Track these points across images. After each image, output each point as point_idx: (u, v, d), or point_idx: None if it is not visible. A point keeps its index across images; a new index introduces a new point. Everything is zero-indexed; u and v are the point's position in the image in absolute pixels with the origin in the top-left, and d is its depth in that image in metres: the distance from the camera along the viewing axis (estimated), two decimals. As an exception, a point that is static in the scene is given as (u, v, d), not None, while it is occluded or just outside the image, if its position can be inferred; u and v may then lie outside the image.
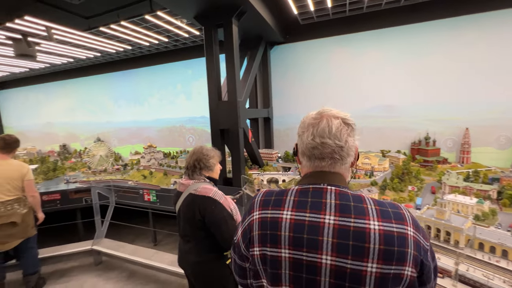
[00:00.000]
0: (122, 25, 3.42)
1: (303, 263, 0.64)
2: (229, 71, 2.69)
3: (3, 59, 4.86)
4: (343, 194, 0.66)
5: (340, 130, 0.68)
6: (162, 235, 3.97)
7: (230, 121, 2.74)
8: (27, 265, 2.80)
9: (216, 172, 1.70)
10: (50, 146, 6.43)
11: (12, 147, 2.66)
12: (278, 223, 0.67)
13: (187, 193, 1.56)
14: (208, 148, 1.67)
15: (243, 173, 2.82)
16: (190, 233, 1.61)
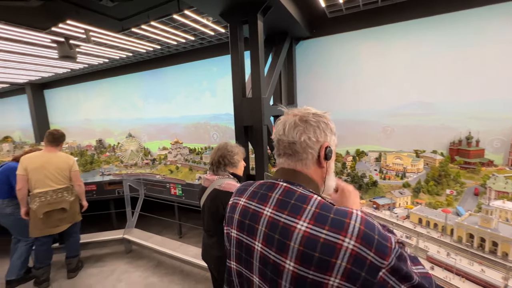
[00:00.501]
0: (152, 25, 3.55)
1: (243, 245, 0.72)
2: (254, 68, 2.68)
3: (49, 61, 5.33)
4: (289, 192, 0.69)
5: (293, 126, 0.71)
6: (186, 228, 4.11)
7: (254, 118, 2.73)
8: (70, 249, 3.08)
9: (240, 168, 1.71)
10: (88, 140, 6.96)
11: (60, 141, 2.94)
12: (236, 207, 0.78)
13: (211, 188, 1.59)
14: (233, 144, 1.69)
15: (266, 171, 2.80)
16: (214, 227, 1.64)
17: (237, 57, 2.75)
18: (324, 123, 0.73)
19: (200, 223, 4.09)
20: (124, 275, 3.08)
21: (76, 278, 3.05)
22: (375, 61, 3.47)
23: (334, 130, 0.76)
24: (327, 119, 0.75)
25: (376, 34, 3.42)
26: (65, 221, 2.90)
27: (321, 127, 0.72)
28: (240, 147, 1.75)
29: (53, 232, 2.84)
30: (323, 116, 0.75)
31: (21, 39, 3.95)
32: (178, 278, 2.97)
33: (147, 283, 2.92)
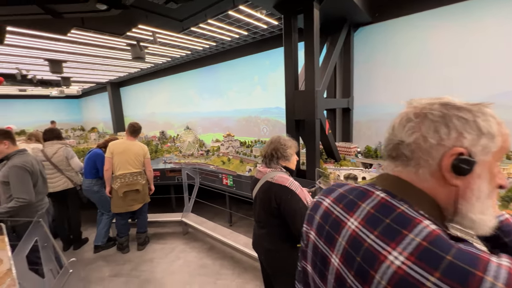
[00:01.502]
0: (209, 23, 3.74)
1: (318, 251, 0.63)
2: (308, 59, 2.57)
3: (124, 62, 6.14)
4: (386, 206, 0.53)
5: (404, 122, 0.54)
6: (236, 218, 4.29)
7: (306, 112, 2.64)
8: (140, 225, 3.57)
9: (293, 162, 1.70)
10: (153, 132, 7.85)
11: (138, 133, 3.44)
12: (318, 207, 0.69)
13: (264, 180, 1.61)
14: (286, 138, 1.68)
15: (318, 167, 2.70)
16: (265, 219, 1.67)
17: (291, 49, 2.69)
18: (463, 119, 0.49)
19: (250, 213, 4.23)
20: (182, 253, 3.41)
21: (144, 251, 3.52)
22: (453, 44, 2.95)
23: (490, 130, 0.49)
24: (473, 113, 0.49)
25: (456, 13, 2.89)
26: (137, 201, 3.37)
27: (452, 124, 0.49)
28: (293, 141, 1.72)
29: (129, 209, 3.33)
30: (466, 109, 0.50)
31: (103, 44, 4.63)
32: (229, 263, 3.15)
33: (201, 263, 3.18)
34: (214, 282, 2.82)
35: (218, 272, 2.99)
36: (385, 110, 3.37)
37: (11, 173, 2.26)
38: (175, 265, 3.16)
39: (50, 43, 4.38)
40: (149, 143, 6.35)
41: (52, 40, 4.25)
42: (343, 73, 3.54)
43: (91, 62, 5.97)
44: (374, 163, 2.88)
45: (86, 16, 3.28)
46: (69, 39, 4.21)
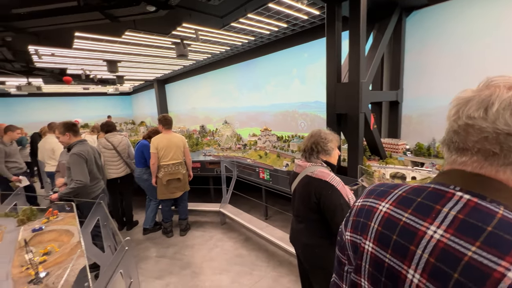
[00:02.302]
0: (248, 18, 3.75)
1: (384, 266, 0.54)
2: (353, 49, 2.41)
3: (168, 60, 6.54)
4: (478, 211, 0.44)
5: (510, 107, 0.44)
6: (272, 211, 4.31)
7: (349, 105, 2.50)
8: (181, 212, 3.83)
9: (334, 157, 1.65)
10: (194, 126, 8.28)
11: (172, 124, 3.67)
12: (372, 212, 0.60)
13: (303, 174, 1.58)
14: (327, 131, 1.63)
15: (361, 164, 2.54)
16: (303, 214, 1.64)
17: (333, 38, 2.55)
18: None
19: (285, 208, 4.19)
20: (219, 242, 3.57)
21: (185, 237, 3.77)
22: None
23: None
24: None
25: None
26: (179, 189, 3.62)
27: None
28: (334, 135, 1.66)
29: (172, 197, 3.60)
30: None
31: (152, 44, 4.99)
32: (264, 256, 3.19)
33: (237, 253, 3.28)
34: (250, 273, 2.89)
35: (254, 263, 3.06)
36: (440, 103, 3.00)
37: (70, 159, 2.61)
38: (213, 252, 3.32)
39: (107, 45, 4.88)
40: (191, 136, 6.72)
41: (109, 42, 4.72)
42: (392, 63, 3.25)
43: (141, 61, 6.50)
44: (427, 162, 2.60)
45: (137, 18, 3.56)
46: (123, 41, 4.63)
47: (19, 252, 1.67)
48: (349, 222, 0.68)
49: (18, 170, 4.11)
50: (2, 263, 1.53)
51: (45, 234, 1.88)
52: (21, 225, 2.02)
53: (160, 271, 3.01)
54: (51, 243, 1.78)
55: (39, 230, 1.89)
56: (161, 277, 2.91)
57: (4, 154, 3.92)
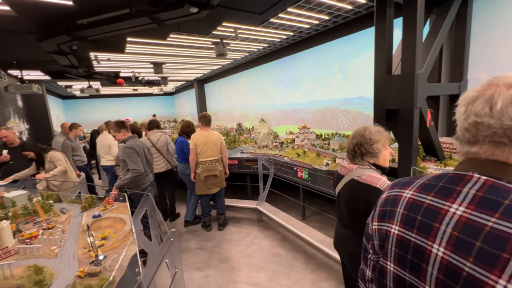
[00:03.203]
0: (288, 12, 3.65)
1: (410, 244, 0.61)
2: (407, 37, 2.16)
3: (208, 60, 6.77)
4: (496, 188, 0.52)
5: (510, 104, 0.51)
6: (309, 212, 4.17)
7: (401, 100, 2.25)
8: (219, 207, 3.93)
9: (383, 159, 1.49)
10: (231, 124, 8.46)
11: (210, 122, 3.78)
12: (397, 200, 0.67)
13: (349, 177, 1.44)
14: (373, 130, 1.47)
15: (414, 165, 2.28)
16: (350, 220, 1.51)
17: (384, 27, 2.32)
18: None
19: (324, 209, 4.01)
20: (256, 239, 3.57)
21: (223, 231, 3.87)
22: None
23: None
24: None
25: None
26: (216, 185, 3.71)
27: None
28: (383, 132, 1.47)
29: (209, 192, 3.71)
30: None
31: (193, 44, 5.20)
32: (302, 257, 3.10)
33: (274, 252, 3.24)
34: (288, 273, 2.83)
35: (291, 264, 2.99)
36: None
37: (125, 152, 2.85)
38: (250, 249, 3.34)
39: (154, 48, 5.23)
40: (228, 134, 6.87)
41: (155, 45, 5.06)
42: (453, 51, 2.84)
43: (183, 62, 6.85)
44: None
45: (181, 21, 3.73)
46: (168, 43, 4.91)
47: (82, 235, 1.87)
48: (375, 213, 0.75)
49: (81, 162, 4.68)
50: (70, 244, 1.73)
51: (102, 220, 2.08)
52: (84, 211, 2.26)
53: (200, 262, 3.13)
54: (108, 229, 1.95)
55: (98, 216, 2.09)
56: (201, 268, 3.02)
57: (71, 148, 4.49)
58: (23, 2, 2.81)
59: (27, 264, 1.49)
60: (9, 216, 2.07)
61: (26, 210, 2.19)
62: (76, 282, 1.36)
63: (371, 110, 4.04)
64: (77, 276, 1.40)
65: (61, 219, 2.12)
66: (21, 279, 1.38)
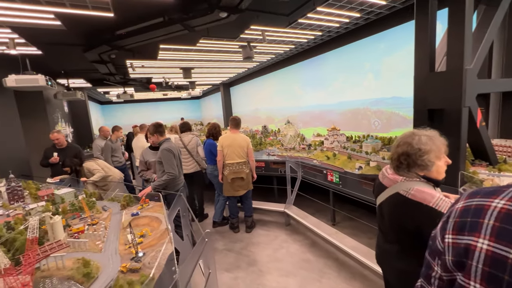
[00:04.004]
0: (318, 11, 3.57)
1: (507, 262, 0.52)
2: (454, 29, 1.98)
3: (234, 63, 6.88)
4: None
5: None
6: (340, 217, 4.01)
7: (447, 98, 2.07)
8: (246, 209, 3.93)
9: (437, 171, 1.22)
10: (256, 126, 8.50)
11: (240, 125, 3.81)
12: (484, 210, 0.59)
13: (393, 190, 1.25)
14: (424, 138, 1.19)
15: (463, 169, 2.08)
16: (395, 236, 1.30)
17: (426, 19, 2.16)
18: None
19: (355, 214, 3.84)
20: (284, 243, 3.51)
21: (251, 234, 3.85)
22: None
23: None
24: None
25: None
26: (243, 188, 3.72)
27: None
28: (437, 139, 1.20)
29: (236, 194, 3.73)
30: None
31: (221, 49, 5.32)
32: (333, 264, 2.97)
33: (304, 257, 3.15)
34: (319, 280, 2.73)
35: (322, 271, 2.88)
36: None
37: (163, 154, 2.96)
38: (279, 253, 3.28)
39: (184, 54, 5.44)
40: (254, 136, 6.90)
41: (185, 51, 5.26)
42: (507, 44, 2.56)
43: (210, 66, 7.04)
44: None
45: (210, 26, 3.83)
46: (197, 48, 5.07)
47: (122, 232, 1.97)
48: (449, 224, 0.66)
49: (118, 163, 4.99)
50: (112, 240, 1.83)
51: (140, 218, 2.18)
52: (123, 209, 2.39)
53: (228, 264, 3.15)
54: (145, 227, 2.04)
55: (136, 215, 2.19)
56: (230, 270, 3.03)
57: (111, 149, 4.83)
58: (71, 16, 3.08)
59: (76, 256, 1.61)
60: (59, 211, 2.26)
61: (73, 207, 2.37)
62: (119, 277, 1.43)
63: (407, 110, 3.80)
64: (119, 271, 1.47)
65: (103, 216, 2.26)
66: (71, 270, 1.48)
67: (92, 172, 3.66)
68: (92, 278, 1.42)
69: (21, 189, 2.87)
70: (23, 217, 2.17)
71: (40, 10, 2.86)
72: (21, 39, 3.77)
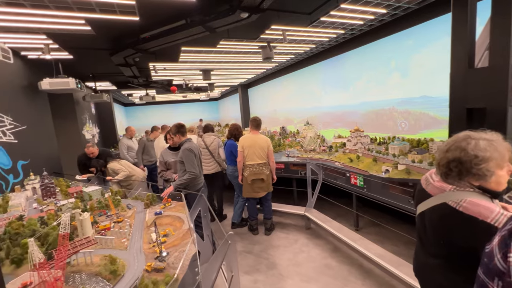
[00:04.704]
0: (341, 8, 3.45)
1: None
2: (498, 21, 1.81)
3: (253, 64, 6.87)
4: None
5: None
6: (363, 222, 3.84)
7: (490, 97, 1.89)
8: (266, 211, 3.88)
9: (497, 181, 1.01)
10: (274, 127, 8.43)
11: (260, 125, 3.76)
12: None
13: (440, 200, 1.09)
14: (482, 142, 1.00)
15: (509, 174, 1.88)
16: (440, 250, 1.15)
17: (465, 11, 2.00)
18: None
19: (380, 219, 3.64)
20: (305, 247, 3.41)
21: (270, 236, 3.79)
22: None
23: None
24: None
25: None
26: (263, 189, 3.67)
27: None
28: (501, 144, 1.01)
29: (256, 196, 3.69)
30: None
31: (240, 50, 5.33)
32: (357, 272, 2.83)
33: (326, 263, 3.04)
34: (342, 288, 2.61)
35: (346, 278, 2.75)
36: None
37: (184, 154, 2.99)
38: (299, 257, 3.19)
39: (204, 56, 5.52)
40: (272, 137, 6.84)
41: (205, 53, 5.32)
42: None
43: (229, 68, 7.09)
44: None
45: (230, 27, 3.83)
46: (217, 50, 5.12)
47: (146, 230, 2.00)
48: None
49: (148, 162, 5.20)
50: (136, 238, 1.86)
51: (163, 218, 2.20)
52: (146, 208, 2.43)
53: (248, 266, 3.11)
54: (168, 227, 2.05)
55: (159, 214, 2.22)
56: (249, 272, 2.99)
57: (144, 146, 5.04)
58: (100, 21, 3.22)
59: (103, 253, 1.64)
60: (87, 208, 2.34)
61: (100, 204, 2.45)
62: (144, 276, 1.44)
63: (438, 110, 3.56)
64: (144, 270, 1.48)
65: (127, 214, 2.32)
66: (99, 267, 1.51)
67: (116, 171, 3.80)
68: (118, 276, 1.44)
69: (53, 186, 3.03)
70: (55, 213, 2.28)
71: (73, 16, 3.01)
72: (54, 45, 4.01)
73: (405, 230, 3.28)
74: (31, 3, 2.70)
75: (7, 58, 2.41)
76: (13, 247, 1.66)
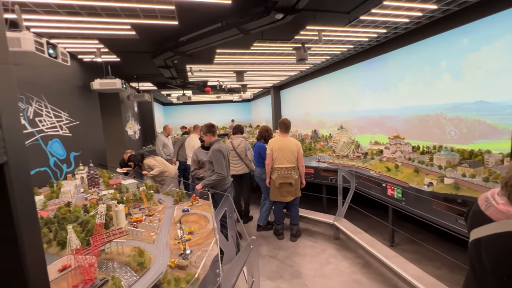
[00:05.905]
0: (384, 6, 3.21)
1: None
2: None
3: (287, 66, 6.78)
4: None
5: None
6: (400, 238, 3.52)
7: None
8: (293, 217, 3.77)
9: None
10: (305, 130, 8.22)
11: (290, 128, 3.68)
12: None
13: (504, 228, 0.94)
14: None
15: None
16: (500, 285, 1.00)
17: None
18: None
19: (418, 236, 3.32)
20: (333, 259, 3.23)
21: (296, 243, 3.68)
22: None
23: None
24: None
25: None
26: (290, 194, 3.57)
27: None
28: None
29: (283, 200, 3.60)
30: None
31: (274, 51, 5.29)
32: (391, 293, 2.59)
33: (356, 278, 2.84)
34: (372, 308, 2.40)
35: (377, 298, 2.53)
36: None
37: (213, 154, 3.04)
38: (326, 268, 3.03)
39: (238, 57, 5.60)
40: (303, 141, 6.67)
41: (239, 55, 5.40)
42: None
43: (262, 70, 7.10)
44: None
45: (265, 29, 3.82)
46: (251, 52, 5.15)
47: (173, 226, 2.07)
48: None
49: (182, 158, 5.48)
50: (164, 233, 1.93)
51: (190, 215, 2.26)
52: (176, 204, 2.53)
53: (271, 272, 3.04)
54: (193, 225, 2.10)
55: (186, 211, 2.28)
56: (272, 278, 2.92)
57: (182, 143, 5.35)
58: (143, 26, 3.46)
59: (132, 245, 1.73)
60: (123, 200, 2.51)
61: (134, 197, 2.61)
62: (167, 272, 1.47)
63: (497, 118, 3.10)
64: (168, 265, 1.52)
65: (158, 209, 2.43)
66: (129, 257, 1.59)
67: (151, 167, 4.03)
68: (145, 268, 1.49)
69: (98, 177, 3.32)
70: (96, 202, 2.48)
71: (120, 22, 3.28)
72: (105, 49, 4.42)
73: (449, 251, 2.91)
74: (87, 12, 3.01)
75: (65, 61, 2.70)
76: (60, 231, 1.83)
